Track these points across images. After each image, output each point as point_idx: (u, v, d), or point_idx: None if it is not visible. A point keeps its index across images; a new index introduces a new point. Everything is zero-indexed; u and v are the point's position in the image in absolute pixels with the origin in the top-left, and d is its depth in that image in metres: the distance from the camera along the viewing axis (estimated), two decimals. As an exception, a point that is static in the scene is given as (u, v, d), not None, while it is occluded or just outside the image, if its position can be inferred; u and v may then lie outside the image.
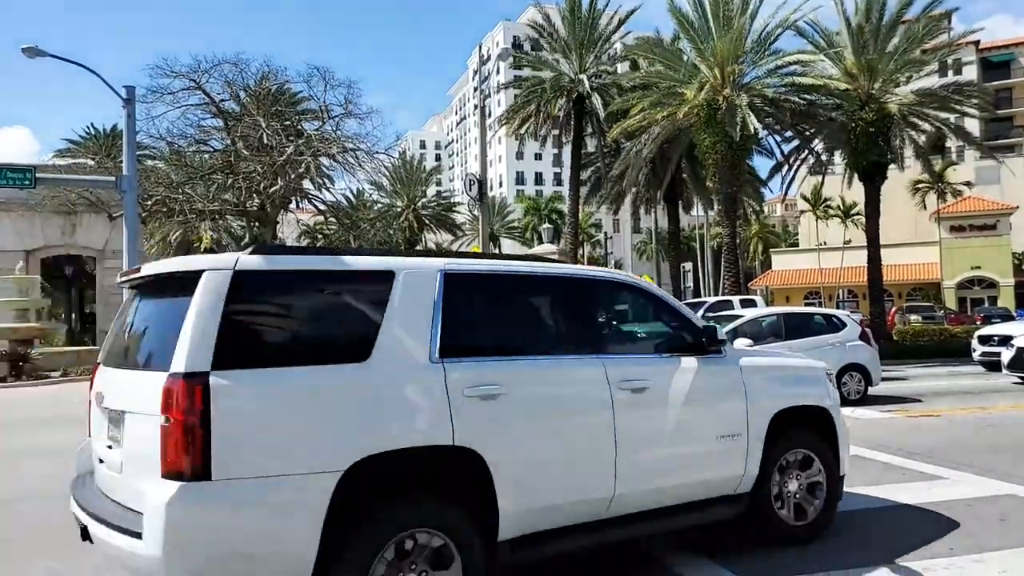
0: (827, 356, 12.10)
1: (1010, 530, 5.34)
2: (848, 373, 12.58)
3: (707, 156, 25.89)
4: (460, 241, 56.58)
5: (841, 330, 12.90)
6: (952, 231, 52.11)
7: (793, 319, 13.25)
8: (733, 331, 12.25)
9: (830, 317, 13.56)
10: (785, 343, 12.27)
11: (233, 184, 31.44)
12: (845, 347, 12.63)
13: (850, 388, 12.55)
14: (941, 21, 28.15)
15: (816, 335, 12.75)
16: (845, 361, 12.54)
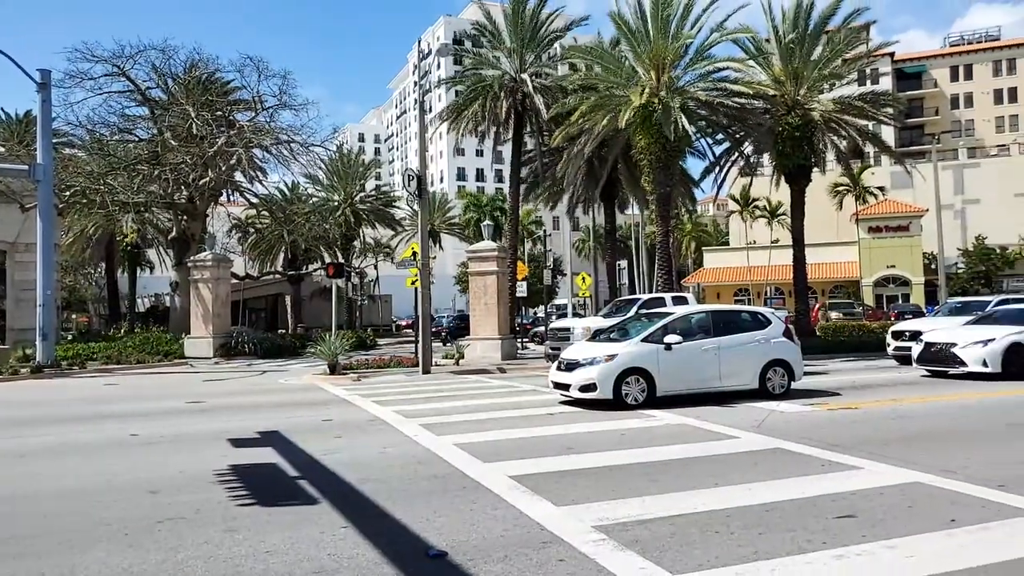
0: (753, 352, 12.99)
1: (917, 517, 5.72)
2: (773, 368, 13.02)
3: (642, 157, 26.44)
4: (399, 237, 56.08)
5: (766, 327, 13.31)
6: (870, 232, 54.53)
7: (722, 316, 13.63)
8: (664, 327, 12.61)
9: (756, 315, 14.01)
10: (714, 339, 12.74)
11: (160, 175, 30.50)
12: (770, 343, 13.06)
13: (774, 383, 13.01)
14: (861, 33, 29.41)
15: (743, 332, 13.16)
16: (770, 357, 12.99)
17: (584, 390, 12.10)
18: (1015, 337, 15.25)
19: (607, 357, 12.11)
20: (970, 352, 15.29)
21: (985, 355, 15.06)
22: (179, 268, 33.17)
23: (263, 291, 49.17)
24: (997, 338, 15.22)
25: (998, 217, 60.42)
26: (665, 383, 12.24)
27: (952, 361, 15.63)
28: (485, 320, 25.26)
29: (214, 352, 28.29)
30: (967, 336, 15.80)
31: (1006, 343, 15.11)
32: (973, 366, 15.16)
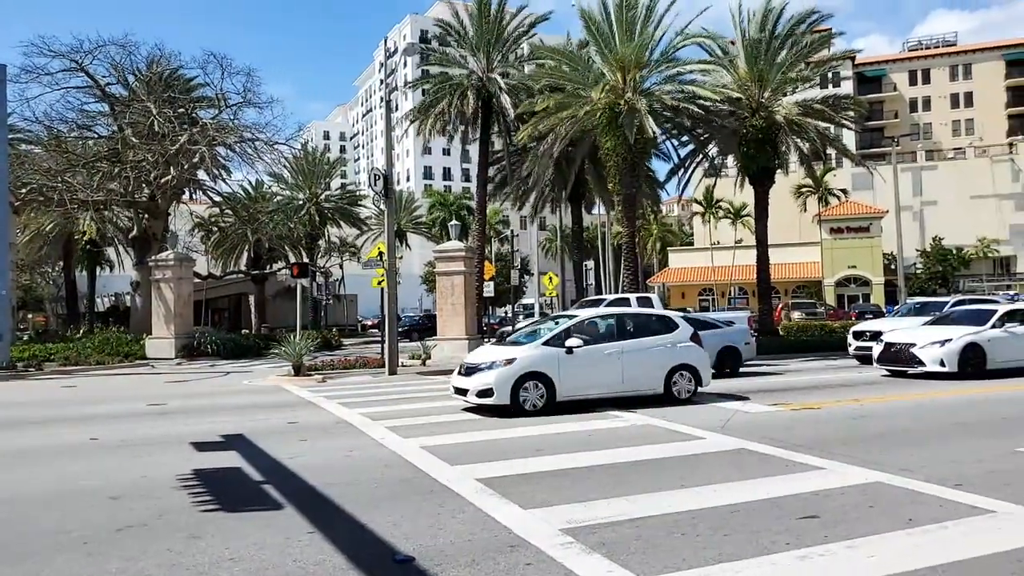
0: (659, 356, 12.79)
1: (878, 516, 5.84)
2: (679, 372, 12.78)
3: (609, 158, 26.61)
4: (365, 236, 55.65)
5: (673, 331, 13.08)
6: (832, 232, 55.57)
7: (628, 320, 13.46)
8: (566, 331, 12.43)
9: (664, 318, 13.90)
10: (618, 343, 12.56)
11: (120, 173, 29.88)
12: (676, 348, 12.86)
13: (680, 387, 12.76)
14: (824, 40, 29.95)
15: (650, 336, 12.97)
16: (676, 361, 12.78)
17: (481, 395, 11.75)
18: (971, 337, 15.64)
19: (505, 361, 11.81)
20: (928, 352, 15.63)
21: (942, 355, 15.40)
22: (140, 267, 32.53)
23: (226, 291, 48.42)
24: (954, 338, 15.59)
25: (955, 219, 61.99)
26: (566, 388, 11.98)
27: (911, 361, 15.95)
28: (452, 320, 25.19)
29: (176, 353, 27.80)
30: (925, 336, 16.15)
31: (962, 343, 15.48)
32: (931, 366, 15.49)
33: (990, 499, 6.21)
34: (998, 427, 10.06)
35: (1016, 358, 15.99)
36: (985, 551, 4.98)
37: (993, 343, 15.74)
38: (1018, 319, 16.54)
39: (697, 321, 18.95)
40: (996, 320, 16.23)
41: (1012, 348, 15.99)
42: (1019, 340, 16.10)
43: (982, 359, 15.53)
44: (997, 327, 16.05)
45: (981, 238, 61.29)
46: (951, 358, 15.35)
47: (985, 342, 15.66)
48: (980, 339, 15.68)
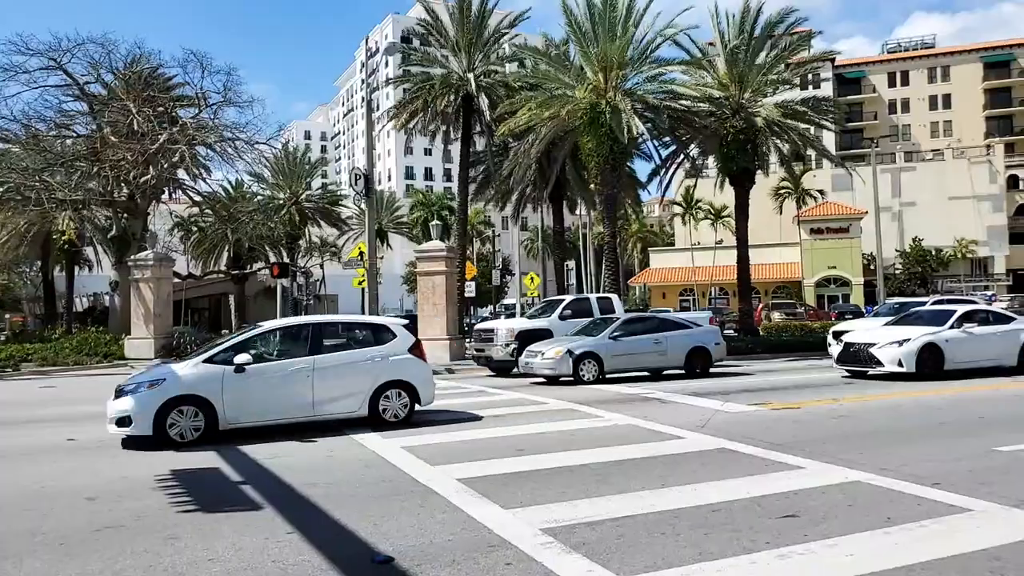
0: (363, 371, 10.75)
1: (857, 515, 5.88)
2: (391, 390, 10.87)
3: (590, 158, 26.66)
4: (346, 236, 55.39)
5: (387, 342, 11.11)
6: (811, 233, 56.08)
7: (326, 329, 11.28)
8: (237, 344, 10.35)
9: (377, 327, 11.72)
10: (308, 358, 10.43)
11: (99, 172, 29.54)
12: (388, 361, 10.92)
13: (391, 408, 10.84)
14: (804, 42, 30.21)
15: (357, 347, 11.08)
16: (387, 377, 10.86)
17: (120, 424, 9.58)
18: (929, 338, 15.59)
19: (150, 383, 9.76)
20: (886, 352, 15.55)
21: (900, 355, 15.33)
22: (119, 267, 32.19)
23: (206, 291, 47.97)
24: (912, 338, 15.52)
25: (933, 220, 62.76)
26: (233, 413, 9.89)
27: (870, 361, 15.88)
28: (433, 321, 25.13)
29: (155, 353, 27.48)
30: (884, 336, 16.09)
31: (920, 343, 15.42)
32: (889, 366, 15.42)
33: (968, 498, 6.28)
34: (975, 426, 10.19)
35: (974, 358, 15.95)
36: (962, 549, 5.03)
37: (951, 343, 15.67)
38: (976, 320, 16.55)
39: (667, 321, 19.07)
40: (955, 321, 16.14)
41: (970, 348, 15.94)
42: (977, 341, 16.06)
43: (940, 359, 15.48)
44: (955, 328, 15.99)
45: (959, 239, 62.10)
46: (909, 358, 15.28)
47: (943, 342, 15.60)
48: (938, 339, 15.62)
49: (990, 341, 16.18)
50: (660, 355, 17.58)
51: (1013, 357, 16.25)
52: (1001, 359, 16.21)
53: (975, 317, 16.62)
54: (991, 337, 16.23)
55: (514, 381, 17.62)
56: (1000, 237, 65.33)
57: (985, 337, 16.17)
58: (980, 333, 16.18)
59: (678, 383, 16.29)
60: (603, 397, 13.95)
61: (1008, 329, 16.52)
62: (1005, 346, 16.27)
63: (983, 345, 16.08)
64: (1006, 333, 16.43)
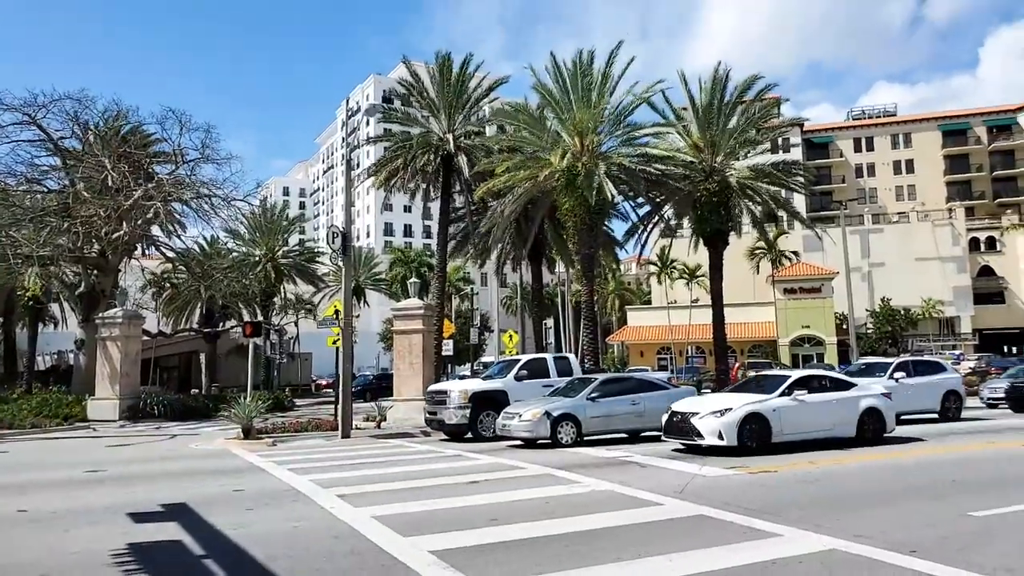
0: None
1: (836, 587, 5.74)
2: None
3: (568, 218, 26.94)
4: (322, 293, 55.02)
5: None
6: (785, 293, 56.77)
7: None
8: None
9: None
10: None
11: (70, 228, 29.19)
12: None
13: None
14: (773, 106, 31.12)
15: None
16: None
17: None
18: (754, 407, 14.11)
19: None
20: (707, 423, 13.92)
21: (720, 426, 13.74)
22: (86, 325, 31.53)
23: (177, 349, 47.20)
24: (735, 407, 14.01)
25: (901, 280, 63.91)
26: None
27: (691, 433, 14.14)
28: (410, 380, 24.81)
29: (120, 414, 26.79)
30: (707, 405, 14.63)
31: (743, 413, 13.90)
32: (709, 438, 13.79)
33: (945, 567, 6.18)
34: (948, 490, 10.13)
35: (806, 430, 14.49)
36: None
37: (780, 413, 14.19)
38: (811, 386, 15.14)
39: (644, 382, 18.98)
40: (786, 388, 14.74)
41: (802, 418, 14.42)
42: (810, 409, 14.59)
43: (766, 431, 14.00)
44: (786, 395, 14.58)
45: (927, 299, 63.18)
46: (729, 429, 13.70)
47: (769, 412, 14.10)
48: (764, 408, 14.12)
49: (826, 409, 14.80)
50: (638, 416, 17.41)
51: (851, 426, 14.92)
52: (838, 429, 14.85)
53: (810, 383, 15.23)
54: (827, 405, 14.88)
55: (491, 445, 17.33)
56: (965, 297, 66.63)
57: (820, 405, 14.76)
58: (814, 401, 14.75)
59: (656, 446, 16.09)
60: (581, 461, 13.73)
61: (847, 396, 15.21)
62: (843, 414, 14.93)
63: (817, 414, 14.64)
64: (844, 401, 15.09)
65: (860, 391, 15.48)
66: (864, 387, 15.84)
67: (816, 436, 14.55)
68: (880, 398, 15.52)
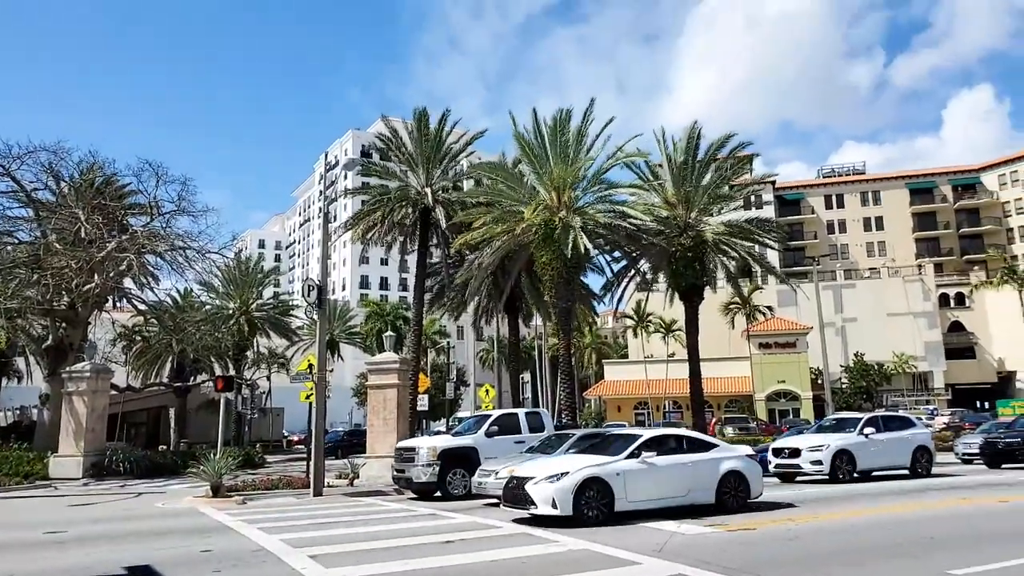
0: None
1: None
2: None
3: (545, 271, 27.08)
4: (296, 347, 54.42)
5: None
6: (760, 348, 57.21)
7: None
8: None
9: None
10: None
11: (40, 280, 28.70)
12: None
13: None
14: (745, 163, 31.86)
15: None
16: None
17: None
18: (593, 471, 12.51)
19: None
20: (540, 490, 12.25)
21: (554, 493, 12.08)
22: (52, 379, 30.76)
23: (146, 403, 46.13)
24: (571, 471, 12.33)
25: (874, 335, 64.78)
26: None
27: (524, 501, 12.45)
28: (383, 436, 24.35)
29: (84, 472, 25.95)
30: (544, 469, 12.87)
31: (580, 478, 12.27)
32: (542, 507, 12.15)
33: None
34: (926, 548, 10.05)
35: (656, 496, 13.02)
36: None
37: (625, 477, 12.64)
38: (663, 447, 13.54)
39: (622, 436, 18.78)
40: (634, 449, 13.16)
41: (652, 483, 12.97)
42: (661, 474, 13.10)
43: (608, 498, 12.39)
44: (633, 457, 12.99)
45: (899, 354, 63.96)
46: (564, 496, 12.03)
47: (612, 476, 12.50)
48: (606, 472, 12.49)
49: (680, 473, 13.31)
50: (617, 473, 17.15)
51: (710, 492, 13.42)
52: (695, 495, 13.35)
53: (664, 444, 13.68)
54: (682, 468, 13.37)
55: (466, 503, 17.00)
56: (937, 352, 67.61)
57: (673, 468, 13.28)
58: (667, 464, 13.24)
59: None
60: (557, 519, 13.46)
61: (705, 458, 13.73)
62: (700, 479, 13.44)
63: (670, 478, 13.14)
64: (702, 463, 13.55)
65: (722, 452, 14.17)
66: (726, 448, 14.61)
67: (669, 504, 13.05)
68: (744, 460, 14.21)
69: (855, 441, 19.91)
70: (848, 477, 19.46)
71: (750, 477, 14.00)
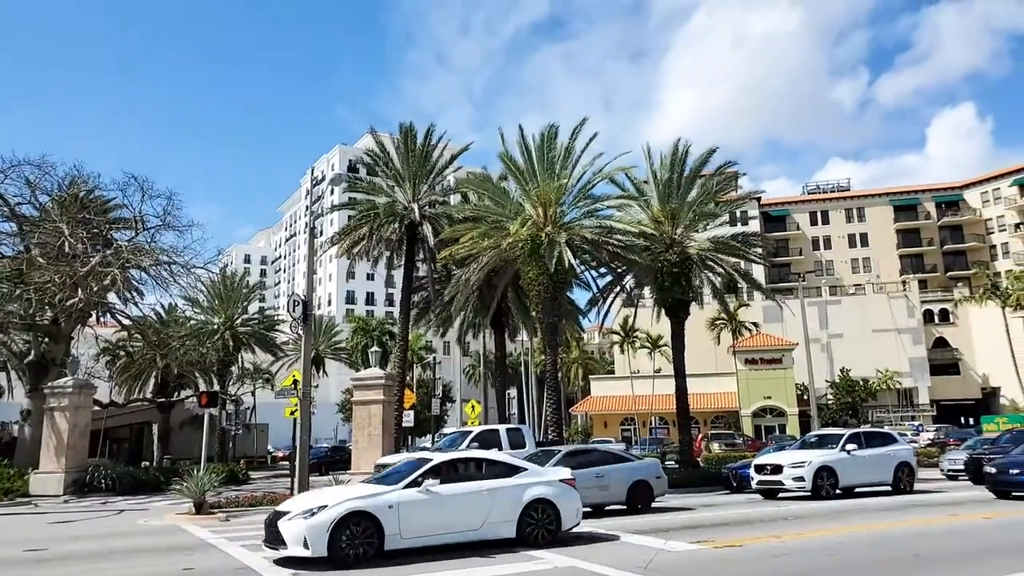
0: None
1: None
2: None
3: (531, 287, 27.10)
4: (281, 362, 54.06)
5: None
6: (746, 363, 57.38)
7: None
8: None
9: None
10: None
11: (22, 295, 28.43)
12: None
13: None
14: (731, 179, 32.05)
15: None
16: None
17: None
18: (357, 503, 10.70)
19: None
20: (292, 528, 10.47)
21: (306, 532, 10.30)
22: (33, 394, 30.39)
23: (129, 419, 45.64)
24: (330, 504, 10.62)
25: (860, 351, 65.17)
26: None
27: (277, 540, 10.62)
28: (368, 453, 24.23)
29: (65, 489, 25.60)
30: (303, 502, 11.20)
31: (339, 513, 10.48)
32: (292, 547, 10.38)
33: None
34: (912, 565, 10.08)
35: (440, 531, 11.18)
36: None
37: (400, 510, 10.85)
38: (456, 473, 11.78)
39: (607, 453, 18.83)
40: (416, 477, 11.35)
41: (434, 517, 11.14)
42: (446, 505, 11.27)
43: (375, 535, 10.60)
44: (413, 486, 11.22)
45: (883, 370, 64.34)
46: (317, 535, 10.26)
47: (383, 510, 10.74)
48: (374, 505, 10.73)
49: (472, 503, 11.50)
50: (602, 490, 17.17)
51: (511, 524, 11.66)
52: (490, 528, 11.55)
53: (454, 470, 11.81)
54: (475, 498, 11.54)
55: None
56: (922, 368, 68.08)
57: (463, 498, 11.47)
58: (454, 493, 11.39)
59: (620, 519, 15.84)
60: (542, 535, 13.38)
61: (506, 485, 11.87)
62: (498, 509, 11.64)
63: (460, 510, 11.40)
64: (501, 491, 11.74)
65: (528, 477, 12.17)
66: (536, 472, 12.53)
67: (457, 539, 11.29)
68: (556, 486, 12.28)
69: (837, 457, 19.95)
70: (830, 493, 19.43)
71: (561, 505, 12.11)
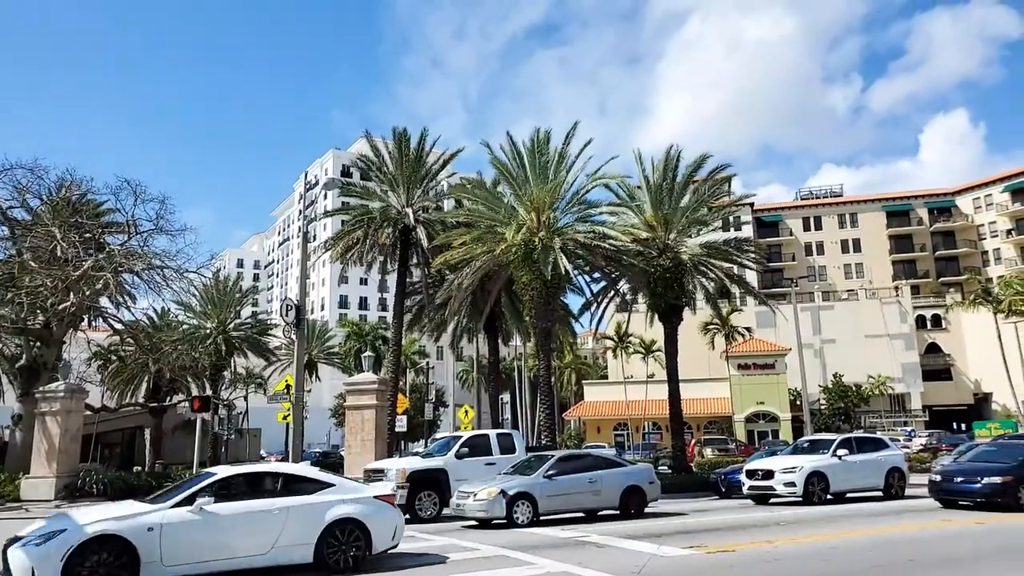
0: None
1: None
2: None
3: (524, 291, 27.10)
4: (274, 367, 53.89)
5: None
6: (739, 369, 57.48)
7: None
8: None
9: None
10: None
11: (14, 299, 28.27)
12: None
13: None
14: (723, 185, 32.12)
15: None
16: None
17: None
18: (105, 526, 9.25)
19: None
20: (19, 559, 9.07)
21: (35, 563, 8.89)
22: (24, 399, 30.18)
23: (121, 424, 45.32)
24: (69, 528, 9.22)
25: (852, 356, 65.33)
26: None
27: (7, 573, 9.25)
28: (361, 457, 24.13)
29: (56, 494, 25.41)
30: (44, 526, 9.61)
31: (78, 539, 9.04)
32: None
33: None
34: (907, 570, 10.10)
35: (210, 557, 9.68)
36: None
37: (161, 534, 9.39)
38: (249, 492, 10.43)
39: (600, 459, 18.81)
40: (188, 495, 9.94)
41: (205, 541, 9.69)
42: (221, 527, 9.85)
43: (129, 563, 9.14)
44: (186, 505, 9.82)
45: (876, 375, 64.52)
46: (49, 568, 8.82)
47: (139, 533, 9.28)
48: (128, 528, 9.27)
49: (260, 523, 10.08)
50: (595, 495, 17.18)
51: (308, 548, 10.29)
52: (281, 552, 10.15)
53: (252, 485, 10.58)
54: (262, 517, 10.13)
55: (445, 525, 16.87)
56: (914, 374, 68.27)
57: (248, 517, 10.06)
58: (236, 512, 10.03)
59: (613, 524, 15.84)
60: (536, 542, 13.39)
61: (304, 503, 10.45)
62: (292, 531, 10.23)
63: (242, 532, 9.97)
64: (292, 510, 10.29)
65: (334, 494, 10.73)
66: (346, 489, 11.04)
67: (237, 565, 9.85)
68: (368, 504, 10.86)
69: (828, 463, 19.93)
70: (822, 499, 19.42)
71: (373, 525, 10.67)
